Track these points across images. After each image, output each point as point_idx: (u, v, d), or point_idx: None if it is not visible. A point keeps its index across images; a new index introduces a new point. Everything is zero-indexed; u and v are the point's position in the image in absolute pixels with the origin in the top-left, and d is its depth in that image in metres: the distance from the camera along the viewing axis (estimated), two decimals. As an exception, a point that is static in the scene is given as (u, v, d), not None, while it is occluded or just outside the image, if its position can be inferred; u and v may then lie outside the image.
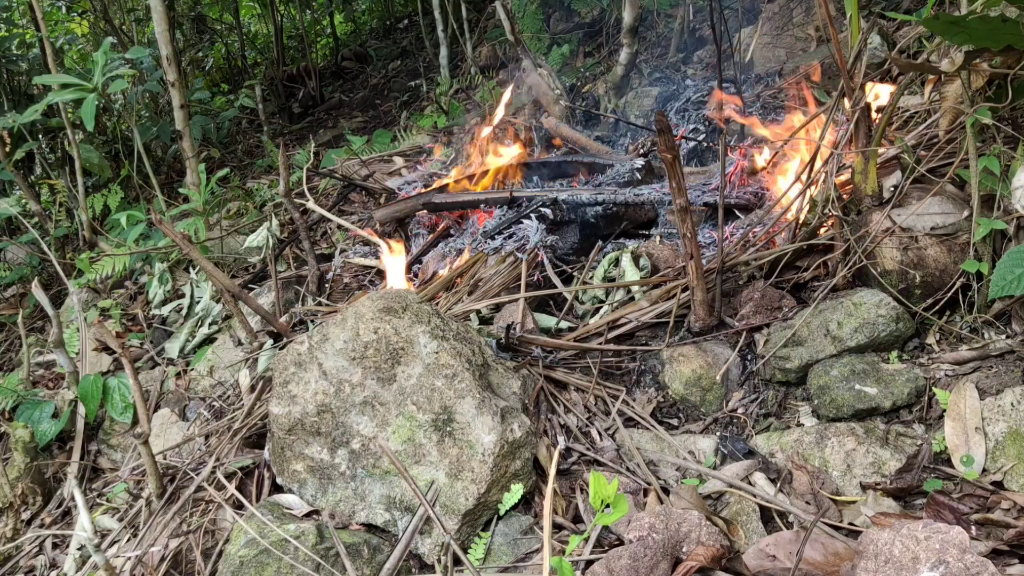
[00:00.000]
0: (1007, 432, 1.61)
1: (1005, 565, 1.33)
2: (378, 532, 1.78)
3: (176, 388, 2.99)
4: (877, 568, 1.22)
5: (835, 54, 2.08)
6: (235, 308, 2.75)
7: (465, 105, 5.54)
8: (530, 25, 5.93)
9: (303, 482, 1.87)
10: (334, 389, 1.86)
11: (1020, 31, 1.66)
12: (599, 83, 4.92)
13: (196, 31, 8.27)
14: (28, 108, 4.02)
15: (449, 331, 1.94)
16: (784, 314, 2.17)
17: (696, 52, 5.18)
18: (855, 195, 2.21)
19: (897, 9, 3.85)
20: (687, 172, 3.40)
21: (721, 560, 1.43)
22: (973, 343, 1.91)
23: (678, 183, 2.01)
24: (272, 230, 3.70)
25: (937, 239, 2.02)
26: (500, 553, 1.68)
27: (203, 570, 1.81)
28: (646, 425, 2.04)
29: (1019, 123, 1.98)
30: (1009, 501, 1.49)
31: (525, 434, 1.80)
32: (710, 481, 1.77)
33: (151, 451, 2.03)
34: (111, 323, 3.52)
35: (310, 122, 7.47)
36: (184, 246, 2.66)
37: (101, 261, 3.80)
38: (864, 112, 2.10)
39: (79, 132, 4.59)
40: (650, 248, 2.64)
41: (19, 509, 2.41)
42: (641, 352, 2.24)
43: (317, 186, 4.58)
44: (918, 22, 2.18)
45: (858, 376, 1.89)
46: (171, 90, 4.04)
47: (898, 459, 1.68)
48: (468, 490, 1.72)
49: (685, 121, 3.95)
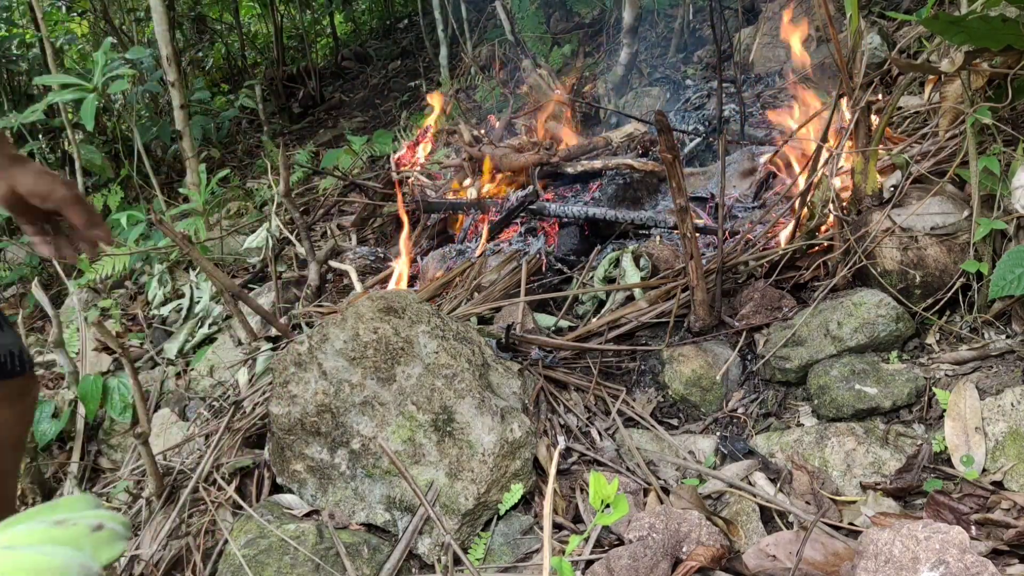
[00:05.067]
0: (1007, 432, 1.61)
1: (1005, 565, 1.33)
2: (378, 532, 1.78)
3: (176, 388, 2.99)
4: (877, 568, 1.22)
5: (835, 54, 2.08)
6: (235, 308, 2.76)
7: (465, 105, 5.54)
8: (530, 25, 5.93)
9: (303, 482, 1.87)
10: (334, 389, 1.86)
11: (1020, 31, 1.66)
12: (599, 83, 4.92)
13: (196, 31, 8.28)
14: (28, 108, 4.03)
15: (449, 331, 1.94)
16: (784, 314, 2.17)
17: (696, 52, 5.18)
18: (855, 195, 2.21)
19: (897, 9, 3.85)
20: (687, 173, 3.40)
21: (721, 560, 1.43)
22: (973, 343, 1.91)
23: (678, 183, 2.01)
24: (272, 231, 3.70)
25: (937, 239, 2.02)
26: (500, 553, 1.68)
27: (203, 570, 1.81)
28: (646, 425, 2.04)
29: (1019, 123, 1.98)
30: (1009, 501, 1.49)
31: (525, 434, 1.80)
32: (710, 481, 1.77)
33: (151, 451, 2.03)
34: (111, 323, 3.52)
35: (310, 122, 7.47)
36: (184, 246, 2.66)
37: (101, 261, 3.80)
38: (864, 112, 2.10)
39: (79, 132, 4.59)
40: (650, 248, 2.64)
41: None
42: (641, 352, 2.24)
43: (317, 186, 4.58)
44: (918, 22, 2.18)
45: (858, 376, 1.89)
46: (171, 90, 4.04)
47: (898, 459, 1.68)
48: (468, 490, 1.72)
49: (684, 121, 3.95)
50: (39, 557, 0.54)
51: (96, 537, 0.58)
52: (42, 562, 0.53)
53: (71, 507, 0.61)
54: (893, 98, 2.13)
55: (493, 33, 6.41)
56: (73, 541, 0.57)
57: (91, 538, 0.57)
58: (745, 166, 3.33)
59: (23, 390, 1.42)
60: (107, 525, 0.59)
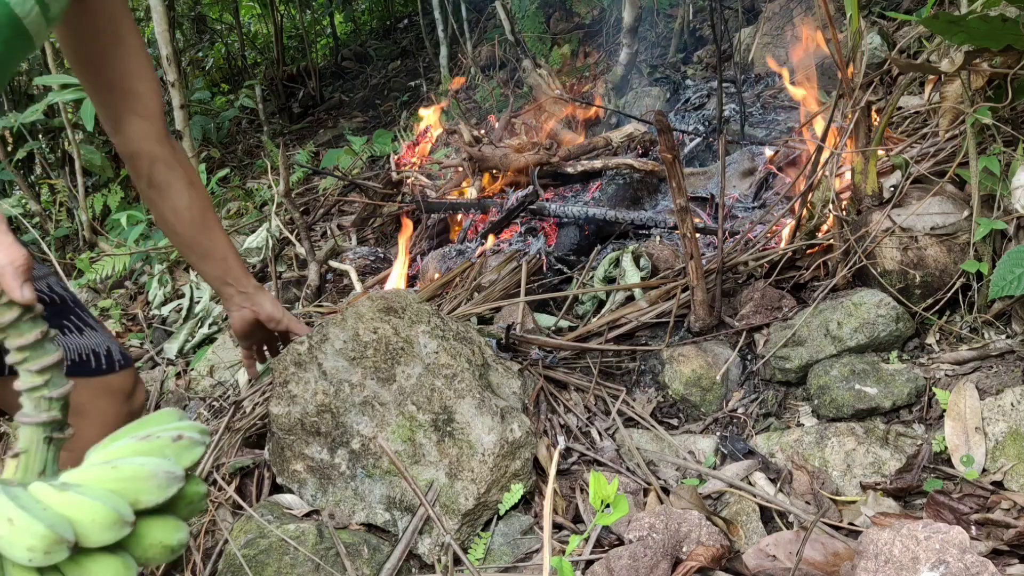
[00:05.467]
0: (1007, 432, 1.61)
1: (1005, 565, 1.33)
2: (378, 532, 1.78)
3: (176, 388, 2.99)
4: (877, 568, 1.22)
5: (835, 54, 2.08)
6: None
7: (465, 105, 5.54)
8: (530, 25, 5.93)
9: (303, 482, 1.87)
10: (334, 389, 1.86)
11: (1020, 31, 1.66)
12: (599, 83, 4.92)
13: (196, 31, 8.28)
14: (28, 108, 4.03)
15: (449, 331, 1.94)
16: (784, 314, 2.17)
17: (696, 52, 5.18)
18: (855, 195, 2.21)
19: (897, 9, 3.85)
20: (687, 173, 3.40)
21: (721, 560, 1.43)
22: (973, 343, 1.91)
23: (678, 183, 2.01)
24: (272, 231, 3.70)
25: (937, 239, 2.02)
26: (500, 553, 1.68)
27: (203, 570, 1.81)
28: (646, 425, 2.04)
29: (1019, 123, 1.98)
30: (1009, 501, 1.49)
31: (525, 434, 1.80)
32: (710, 481, 1.77)
33: (151, 451, 2.03)
34: (111, 323, 3.52)
35: (310, 122, 7.48)
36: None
37: (101, 261, 3.81)
38: (864, 112, 2.10)
39: (79, 132, 4.59)
40: (650, 248, 2.64)
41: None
42: (641, 352, 2.24)
43: (317, 186, 4.58)
44: (918, 22, 2.18)
45: (858, 376, 1.89)
46: (171, 90, 4.04)
47: (898, 459, 1.68)
48: (468, 490, 1.72)
49: (684, 121, 3.95)
50: (133, 468, 0.65)
51: (177, 446, 0.69)
52: (137, 471, 0.65)
53: (156, 422, 0.73)
54: (893, 98, 2.13)
55: (493, 33, 6.42)
56: (158, 451, 0.68)
57: (173, 447, 0.69)
58: (745, 166, 3.34)
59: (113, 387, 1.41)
60: (186, 435, 0.70)
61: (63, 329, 1.34)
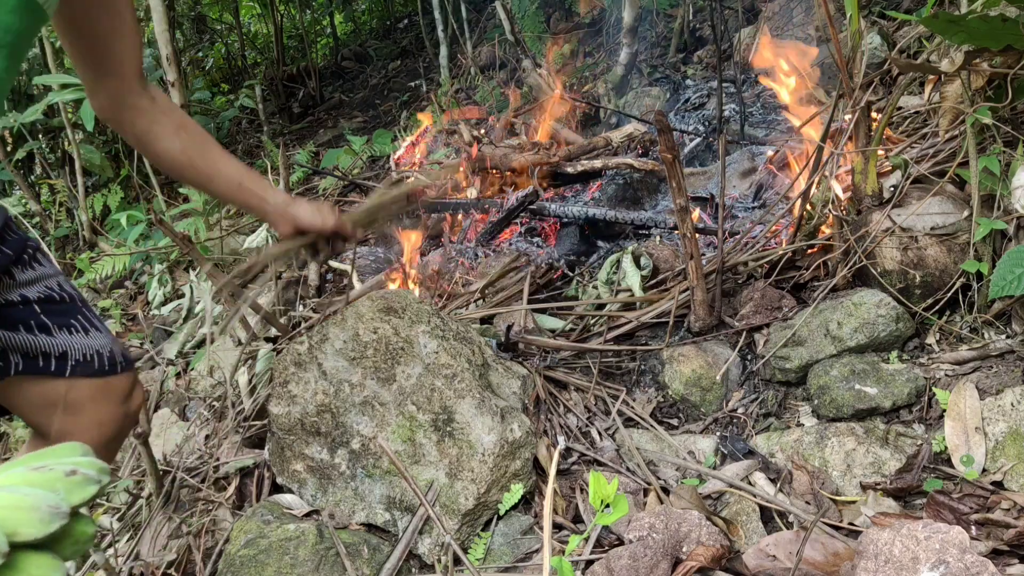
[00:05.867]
0: (1007, 432, 1.61)
1: (1005, 565, 1.33)
2: (378, 532, 1.78)
3: (176, 388, 2.99)
4: (877, 568, 1.22)
5: (835, 54, 2.08)
6: (235, 308, 2.75)
7: (464, 105, 5.53)
8: (530, 25, 5.93)
9: (303, 482, 1.87)
10: (334, 389, 1.86)
11: (1020, 31, 1.66)
12: (599, 83, 4.92)
13: (196, 31, 8.27)
14: (28, 108, 4.03)
15: (449, 331, 1.94)
16: (784, 314, 2.17)
17: (696, 52, 5.18)
18: (855, 195, 2.21)
19: (897, 9, 3.85)
20: (687, 173, 3.40)
21: (721, 560, 1.43)
22: (973, 343, 1.91)
23: (678, 183, 2.01)
24: (272, 231, 3.69)
25: (937, 239, 2.02)
26: (500, 553, 1.68)
27: (203, 570, 1.81)
28: (646, 425, 2.03)
29: (1019, 123, 1.98)
30: (1009, 501, 1.49)
31: (525, 434, 1.80)
32: (710, 481, 1.77)
33: (151, 451, 2.03)
34: (111, 323, 3.52)
35: (310, 122, 7.47)
36: (184, 246, 2.65)
37: (101, 261, 3.80)
38: (864, 112, 2.10)
39: (79, 132, 4.59)
40: (650, 248, 2.64)
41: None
42: (641, 352, 2.24)
43: (317, 186, 4.58)
44: (918, 22, 2.18)
45: (858, 376, 1.89)
46: (171, 90, 4.04)
47: (898, 459, 1.68)
48: (468, 490, 1.72)
49: (684, 121, 3.95)
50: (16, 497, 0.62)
51: (69, 481, 0.66)
52: (19, 501, 0.62)
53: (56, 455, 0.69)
54: (893, 98, 2.13)
55: (493, 33, 6.41)
56: (48, 484, 0.65)
57: (65, 481, 0.65)
58: (745, 166, 3.33)
59: (112, 389, 1.41)
60: (80, 471, 0.66)
61: (70, 329, 1.35)
